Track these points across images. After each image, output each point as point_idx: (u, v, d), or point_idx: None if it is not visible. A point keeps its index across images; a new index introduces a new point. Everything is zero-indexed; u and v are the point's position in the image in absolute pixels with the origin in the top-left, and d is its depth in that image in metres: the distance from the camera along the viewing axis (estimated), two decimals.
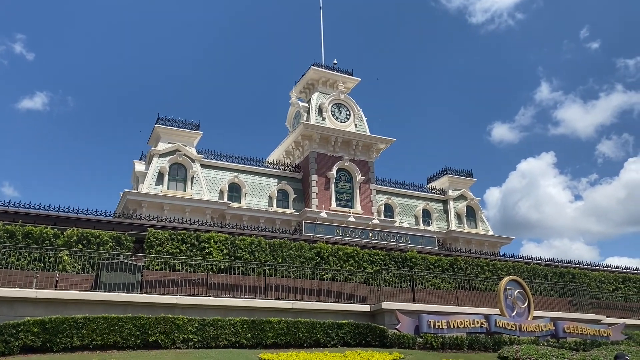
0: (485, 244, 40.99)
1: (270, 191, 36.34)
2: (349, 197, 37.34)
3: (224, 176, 35.66)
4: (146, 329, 14.26)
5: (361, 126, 39.76)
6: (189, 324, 14.80)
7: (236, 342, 15.07)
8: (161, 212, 30.08)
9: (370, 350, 14.82)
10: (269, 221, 34.39)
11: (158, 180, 32.70)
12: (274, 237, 22.61)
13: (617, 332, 20.41)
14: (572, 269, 26.90)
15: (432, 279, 21.56)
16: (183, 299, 16.85)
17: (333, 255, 21.58)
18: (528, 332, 18.57)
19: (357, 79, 41.98)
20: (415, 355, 14.95)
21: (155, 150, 33.59)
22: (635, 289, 27.40)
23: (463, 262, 23.75)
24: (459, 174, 44.28)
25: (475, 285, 21.86)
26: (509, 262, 25.77)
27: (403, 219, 39.90)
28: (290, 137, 38.90)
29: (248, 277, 18.75)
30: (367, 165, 38.63)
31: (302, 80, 41.34)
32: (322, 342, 15.90)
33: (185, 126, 35.16)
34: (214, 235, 20.19)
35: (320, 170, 36.73)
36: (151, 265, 17.97)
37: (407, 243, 29.73)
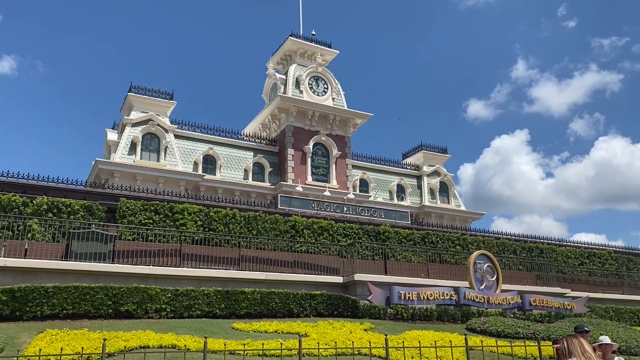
0: (457, 219, 41.70)
1: (246, 164, 36.14)
2: (324, 171, 37.40)
3: (199, 148, 35.28)
4: (118, 299, 14.23)
5: (339, 100, 39.62)
6: (161, 294, 14.81)
7: (209, 312, 15.16)
8: (134, 183, 29.71)
9: (342, 321, 15.08)
10: (244, 194, 34.28)
11: (131, 150, 32.17)
12: (249, 210, 22.59)
13: (581, 305, 21.15)
14: (540, 244, 27.62)
15: (404, 252, 21.91)
16: (156, 269, 16.78)
17: (308, 229, 21.70)
18: (496, 304, 19.10)
19: (336, 52, 41.63)
20: (385, 325, 15.26)
21: (128, 119, 32.96)
22: (599, 264, 28.33)
23: (434, 236, 24.16)
24: (433, 150, 44.68)
25: (445, 258, 22.30)
26: (480, 237, 26.32)
27: (378, 193, 40.23)
28: (267, 109, 38.56)
29: (222, 249, 18.75)
30: (344, 140, 38.64)
31: (280, 51, 40.79)
32: (295, 313, 16.10)
33: (159, 95, 34.48)
34: (187, 206, 20.06)
35: (296, 144, 36.61)
36: (123, 235, 17.81)
37: (380, 217, 30.07)
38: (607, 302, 24.00)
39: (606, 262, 28.69)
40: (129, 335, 11.26)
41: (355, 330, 13.82)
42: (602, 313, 21.50)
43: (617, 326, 16.83)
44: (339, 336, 12.51)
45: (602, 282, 26.83)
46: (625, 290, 27.20)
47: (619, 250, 33.60)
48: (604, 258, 28.79)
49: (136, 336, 11.21)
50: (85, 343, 10.28)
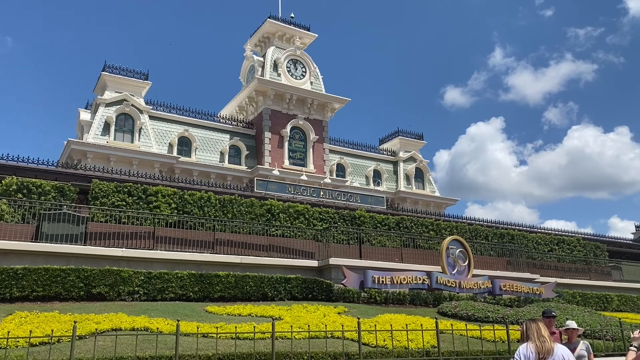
0: (431, 204, 42.19)
1: (222, 147, 35.83)
2: (302, 155, 37.33)
3: (174, 129, 34.81)
4: (90, 281, 14.08)
5: (317, 84, 39.45)
6: (134, 276, 14.70)
7: (183, 295, 15.12)
8: (107, 164, 29.23)
9: (317, 304, 15.20)
10: (220, 177, 34.05)
11: (104, 131, 31.58)
12: (224, 193, 22.47)
13: (549, 290, 21.70)
14: (511, 231, 28.18)
15: (379, 236, 22.11)
16: (129, 251, 16.62)
17: (284, 213, 21.70)
18: (467, 289, 19.47)
19: (314, 35, 41.34)
20: (358, 309, 15.44)
21: (102, 99, 32.29)
22: (568, 250, 29.06)
23: (409, 221, 24.42)
24: (410, 136, 44.96)
25: (419, 243, 22.59)
26: (453, 223, 26.72)
27: (354, 178, 40.39)
28: (244, 92, 38.18)
29: (197, 232, 18.65)
30: (322, 125, 38.57)
31: (258, 33, 40.32)
32: (269, 296, 16.16)
33: (134, 75, 33.81)
34: (162, 189, 19.85)
35: (273, 128, 36.41)
36: (96, 217, 17.56)
37: (357, 202, 30.28)
38: (574, 288, 24.69)
39: (575, 248, 29.43)
40: (101, 317, 11.17)
41: (329, 313, 13.95)
42: (569, 298, 22.11)
43: (583, 311, 17.34)
44: (312, 320, 12.61)
45: (570, 268, 27.55)
46: (592, 276, 28.01)
47: (587, 237, 34.52)
48: (572, 245, 29.53)
49: (108, 318, 11.12)
50: (55, 325, 10.17)
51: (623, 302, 24.12)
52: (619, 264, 30.42)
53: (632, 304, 24.20)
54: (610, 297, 23.91)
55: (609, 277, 28.95)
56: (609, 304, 23.53)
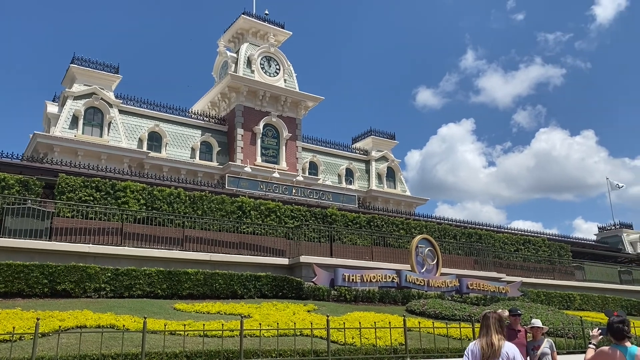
0: (402, 203, 42.61)
1: (193, 142, 35.44)
2: (274, 153, 37.22)
3: (144, 124, 34.26)
4: (55, 277, 13.78)
5: (290, 82, 39.37)
6: (101, 273, 14.45)
7: (151, 292, 14.93)
8: (75, 158, 28.60)
9: (286, 302, 15.20)
10: (191, 173, 33.69)
11: (72, 124, 30.88)
12: (194, 189, 22.25)
13: (515, 289, 22.17)
14: (479, 230, 28.68)
15: (350, 235, 22.22)
16: (96, 247, 16.32)
17: (255, 210, 21.60)
18: (435, 287, 19.74)
19: (289, 33, 41.23)
20: (328, 306, 15.50)
21: (70, 92, 31.55)
22: (534, 250, 29.73)
23: (380, 220, 24.61)
24: (382, 135, 45.31)
25: (389, 242, 22.79)
26: (422, 222, 27.04)
27: (327, 177, 40.48)
28: (217, 87, 37.84)
29: (166, 229, 18.42)
30: (295, 122, 38.52)
31: (232, 28, 40.00)
32: (239, 294, 16.09)
33: (104, 68, 33.12)
34: (130, 184, 19.52)
35: (246, 124, 36.19)
36: (62, 212, 17.15)
37: (329, 200, 30.41)
38: (539, 287, 25.28)
39: (540, 248, 30.12)
40: (65, 314, 10.95)
41: (298, 311, 13.97)
42: (534, 297, 22.62)
43: (547, 310, 17.79)
44: (282, 317, 12.61)
45: (535, 267, 28.20)
46: (556, 275, 28.73)
47: (552, 237, 35.41)
48: (538, 245, 30.22)
49: (73, 315, 10.91)
50: (17, 323, 9.92)
51: (585, 301, 24.82)
52: (582, 264, 31.28)
53: (593, 303, 24.93)
54: (573, 297, 24.57)
55: (572, 277, 29.74)
56: (572, 303, 24.18)
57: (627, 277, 32.27)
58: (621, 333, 5.09)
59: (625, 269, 33.24)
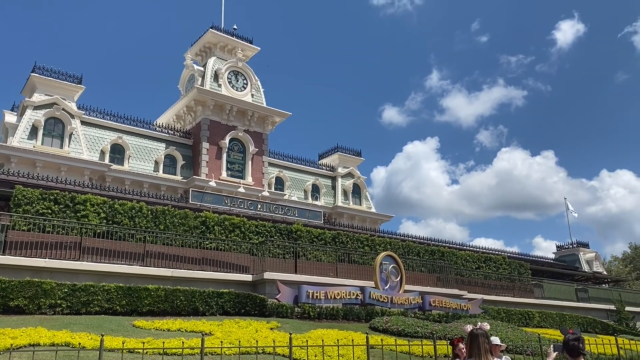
0: (367, 220, 42.88)
1: (157, 156, 34.91)
2: (240, 167, 36.99)
3: (107, 136, 33.58)
4: (7, 293, 13.27)
5: (258, 97, 39.35)
6: (57, 288, 13.98)
7: (109, 309, 14.52)
8: (33, 169, 27.75)
9: (249, 319, 15.00)
10: (154, 187, 33.12)
11: (31, 135, 30.00)
12: (157, 204, 21.88)
13: (476, 306, 22.49)
14: (442, 248, 29.07)
15: (315, 251, 22.18)
16: (52, 262, 15.80)
17: (219, 225, 21.35)
18: (399, 304, 19.84)
19: (257, 48, 41.32)
20: (292, 324, 15.36)
21: (30, 101, 30.69)
22: (495, 268, 30.30)
23: (345, 236, 24.68)
24: (348, 152, 45.69)
25: (354, 258, 22.85)
26: (387, 239, 27.26)
27: (293, 192, 40.43)
28: (182, 100, 37.49)
29: (126, 243, 18.00)
30: (262, 137, 38.44)
31: (199, 42, 39.82)
32: (201, 311, 15.80)
33: (66, 78, 32.38)
34: (90, 197, 19.04)
35: (212, 138, 35.91)
36: (17, 225, 16.57)
37: (294, 216, 30.32)
38: (499, 304, 25.73)
39: (500, 266, 30.73)
40: (18, 332, 10.51)
41: (261, 329, 13.80)
42: (494, 314, 22.99)
43: (507, 327, 18.08)
44: (244, 335, 12.43)
45: (496, 285, 28.73)
46: (516, 293, 29.33)
47: (512, 255, 36.21)
48: (498, 263, 30.82)
49: (26, 333, 10.48)
50: None
51: (544, 318, 25.37)
52: (541, 282, 32.06)
53: (551, 321, 25.50)
54: (532, 314, 25.09)
55: (532, 295, 30.42)
56: (531, 320, 24.67)
57: (584, 294, 33.23)
58: (577, 350, 5.23)
59: (582, 287, 34.25)
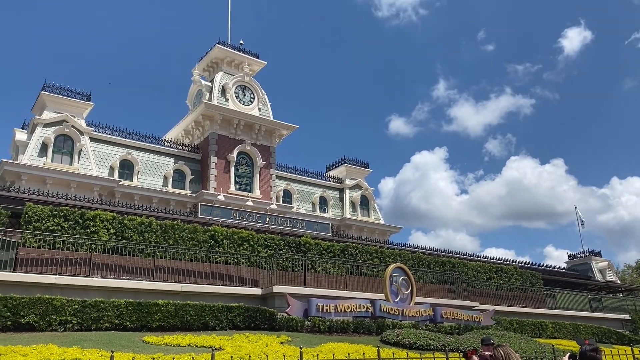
0: (376, 231, 42.71)
1: (166, 171, 35.09)
2: (248, 181, 37.07)
3: (116, 152, 33.82)
4: (18, 310, 13.29)
5: (265, 111, 39.54)
6: (67, 305, 13.99)
7: (119, 325, 14.50)
8: (43, 186, 27.97)
9: (259, 334, 14.92)
10: (163, 202, 33.24)
11: (41, 152, 30.28)
12: (166, 218, 21.94)
13: (488, 317, 22.26)
14: (452, 259, 28.86)
15: (324, 264, 22.10)
16: (63, 278, 15.85)
17: (228, 239, 21.36)
18: (410, 317, 19.67)
19: (263, 63, 41.61)
20: (302, 338, 15.27)
21: (40, 119, 31.02)
22: (506, 279, 30.01)
23: (354, 248, 24.57)
24: (356, 164, 45.66)
25: (364, 271, 22.73)
26: (396, 250, 27.09)
27: (301, 205, 40.41)
28: (191, 116, 37.74)
29: (136, 259, 18.03)
30: (269, 151, 38.56)
31: (206, 58, 40.17)
32: (210, 326, 15.75)
33: (75, 95, 32.72)
34: (100, 213, 19.13)
35: (220, 153, 36.07)
36: (28, 242, 16.67)
37: (302, 229, 30.27)
38: (511, 315, 25.44)
39: (512, 277, 30.44)
40: (29, 349, 10.51)
41: (271, 343, 13.71)
42: (506, 325, 22.72)
43: (519, 338, 17.86)
44: (254, 349, 12.36)
45: (507, 295, 28.43)
46: (528, 303, 29.00)
47: (524, 265, 35.87)
48: (510, 273, 30.53)
49: (37, 350, 10.48)
50: None
51: (557, 329, 25.05)
52: (553, 292, 31.69)
53: (565, 331, 25.16)
54: (545, 324, 24.77)
55: (544, 305, 30.07)
56: (544, 331, 24.36)
57: (597, 304, 32.79)
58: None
59: (595, 297, 33.81)
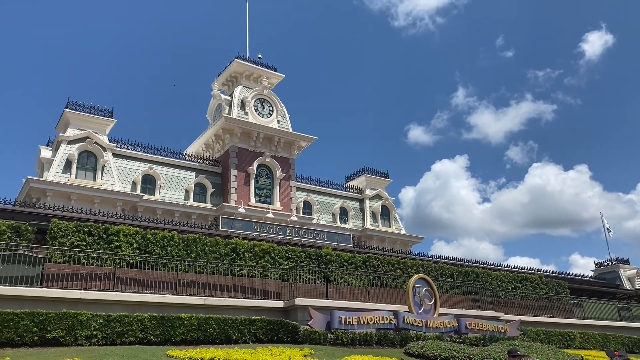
0: (397, 242, 42.40)
1: (187, 184, 35.43)
2: (268, 193, 37.22)
3: (138, 167, 34.29)
4: (45, 325, 13.48)
5: (284, 123, 39.76)
6: (92, 319, 14.15)
7: (144, 339, 14.60)
8: (68, 202, 28.44)
9: (282, 347, 14.88)
10: (185, 215, 33.53)
11: (65, 168, 30.86)
12: (188, 232, 22.09)
13: (514, 328, 21.87)
14: (476, 269, 28.46)
15: (346, 275, 21.99)
16: (88, 293, 16.04)
17: (249, 252, 21.42)
18: (433, 328, 19.43)
19: (282, 75, 41.92)
20: (325, 350, 15.18)
21: (64, 136, 31.67)
22: (531, 288, 29.48)
23: (376, 259, 24.42)
24: (375, 174, 45.51)
25: (386, 282, 22.55)
26: (419, 261, 26.84)
27: (321, 216, 40.38)
28: (211, 130, 38.14)
29: (159, 272, 18.18)
30: (288, 162, 38.71)
31: (225, 72, 40.64)
32: (233, 339, 15.77)
33: (98, 112, 33.36)
34: (123, 228, 19.36)
35: (240, 165, 36.32)
36: (54, 258, 16.94)
37: (323, 240, 30.19)
38: (538, 325, 24.95)
39: (537, 286, 29.89)
40: None
41: (294, 356, 13.66)
42: (533, 336, 22.30)
43: (547, 349, 17.51)
44: None
45: (533, 305, 27.90)
46: (554, 313, 28.40)
47: (549, 274, 35.20)
48: (535, 282, 29.99)
49: None
50: None
51: (585, 339, 24.48)
52: (581, 301, 31.00)
53: (594, 341, 24.58)
54: (573, 335, 24.23)
55: (571, 315, 29.42)
56: (572, 342, 23.82)
57: (627, 313, 31.96)
58: None
59: (624, 305, 32.96)
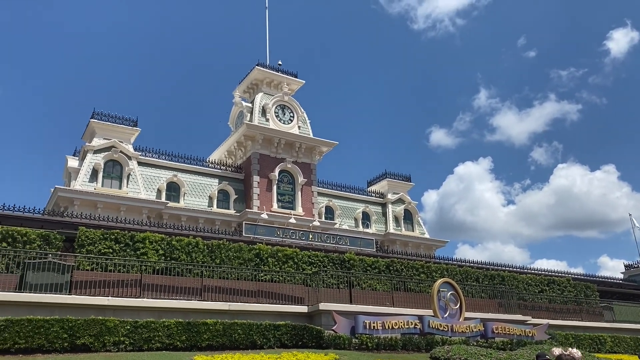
0: (421, 246, 42.11)
1: (211, 191, 35.80)
2: (290, 198, 37.37)
3: (163, 175, 34.80)
4: (74, 332, 13.73)
5: (304, 128, 39.92)
6: (120, 326, 14.37)
7: (170, 345, 14.77)
8: (94, 211, 28.99)
9: (307, 352, 14.89)
10: (209, 222, 33.87)
11: (92, 177, 31.48)
12: (212, 238, 22.30)
13: (542, 332, 21.50)
14: (501, 272, 28.09)
15: (369, 280, 21.92)
16: (115, 300, 16.31)
17: (272, 257, 21.53)
18: (459, 332, 19.22)
19: (302, 81, 42.13)
20: (350, 355, 15.14)
21: (90, 146, 32.34)
22: (559, 291, 28.96)
23: (399, 264, 24.30)
24: (397, 178, 45.33)
25: (410, 286, 22.41)
26: (443, 265, 26.61)
27: (343, 221, 40.36)
28: (233, 137, 38.51)
29: (184, 279, 18.39)
30: (310, 168, 38.83)
31: (246, 80, 41.03)
32: (258, 344, 15.84)
33: (123, 122, 34.03)
34: (149, 235, 19.66)
35: (262, 172, 36.57)
36: (82, 266, 17.29)
37: (346, 245, 30.16)
38: (566, 329, 24.48)
39: (565, 289, 29.35)
40: None
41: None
42: (562, 340, 21.88)
43: None
44: None
45: (561, 309, 27.39)
46: (583, 317, 27.83)
47: (578, 277, 34.51)
48: (563, 285, 29.46)
49: None
50: None
51: (616, 343, 23.93)
52: (610, 304, 30.31)
53: (625, 345, 24.01)
54: (604, 339, 23.72)
55: (601, 318, 28.78)
56: (603, 346, 23.31)
57: None
58: None
59: None
